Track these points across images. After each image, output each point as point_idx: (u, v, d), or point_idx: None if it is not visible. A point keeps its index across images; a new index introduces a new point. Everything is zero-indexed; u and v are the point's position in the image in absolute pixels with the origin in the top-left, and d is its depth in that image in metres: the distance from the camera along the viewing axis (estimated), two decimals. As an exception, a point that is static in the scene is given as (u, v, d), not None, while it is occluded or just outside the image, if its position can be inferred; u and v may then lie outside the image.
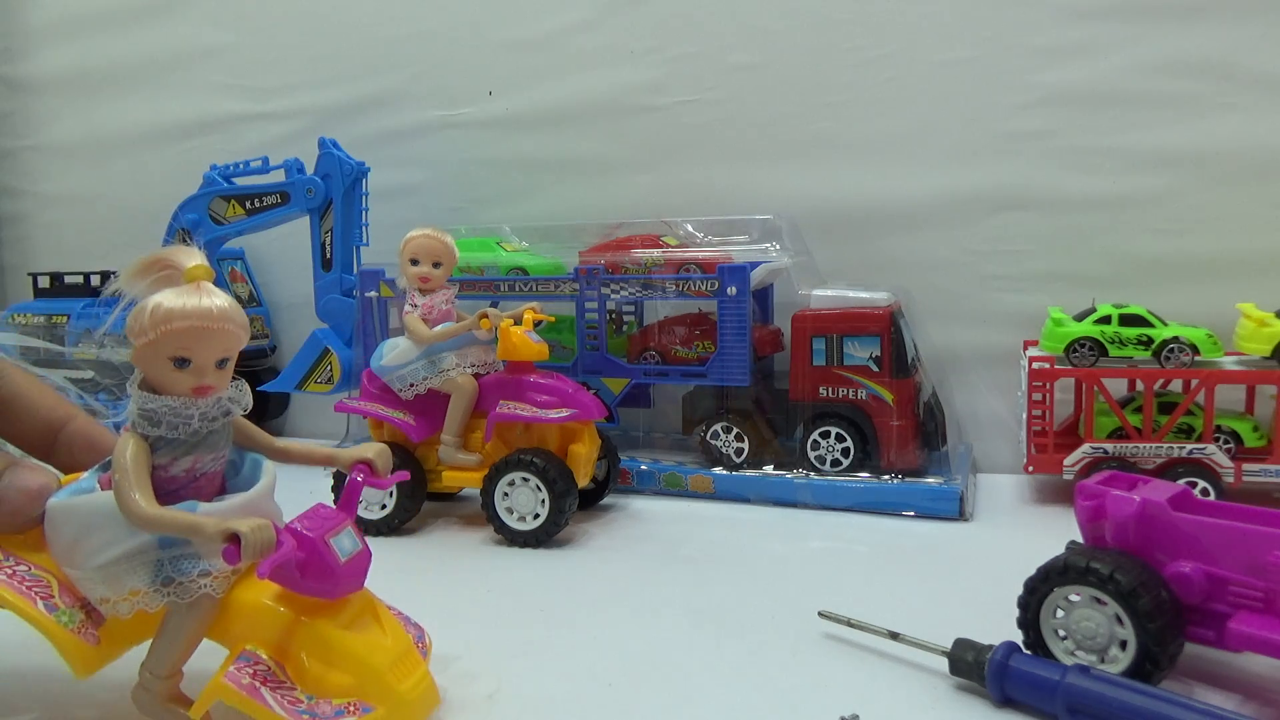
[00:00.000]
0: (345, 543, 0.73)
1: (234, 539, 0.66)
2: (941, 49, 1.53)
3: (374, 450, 0.79)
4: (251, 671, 0.69)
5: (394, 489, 1.27)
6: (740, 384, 1.41)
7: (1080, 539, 0.88)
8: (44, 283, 1.93)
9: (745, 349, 1.39)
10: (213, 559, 0.70)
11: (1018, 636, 0.82)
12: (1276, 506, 0.81)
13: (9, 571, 0.73)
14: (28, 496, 0.75)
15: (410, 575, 1.16)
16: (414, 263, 1.31)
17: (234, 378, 0.74)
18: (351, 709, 0.69)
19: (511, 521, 1.22)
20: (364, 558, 0.74)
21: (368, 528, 1.28)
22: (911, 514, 1.31)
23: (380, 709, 0.70)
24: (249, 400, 0.75)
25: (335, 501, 0.79)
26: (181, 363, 0.70)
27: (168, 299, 0.69)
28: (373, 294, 1.57)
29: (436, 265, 1.31)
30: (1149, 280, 1.45)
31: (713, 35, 1.65)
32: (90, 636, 0.73)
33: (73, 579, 0.73)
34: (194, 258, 0.71)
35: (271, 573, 0.69)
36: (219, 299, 0.70)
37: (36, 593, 0.72)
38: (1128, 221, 1.47)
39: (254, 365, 1.93)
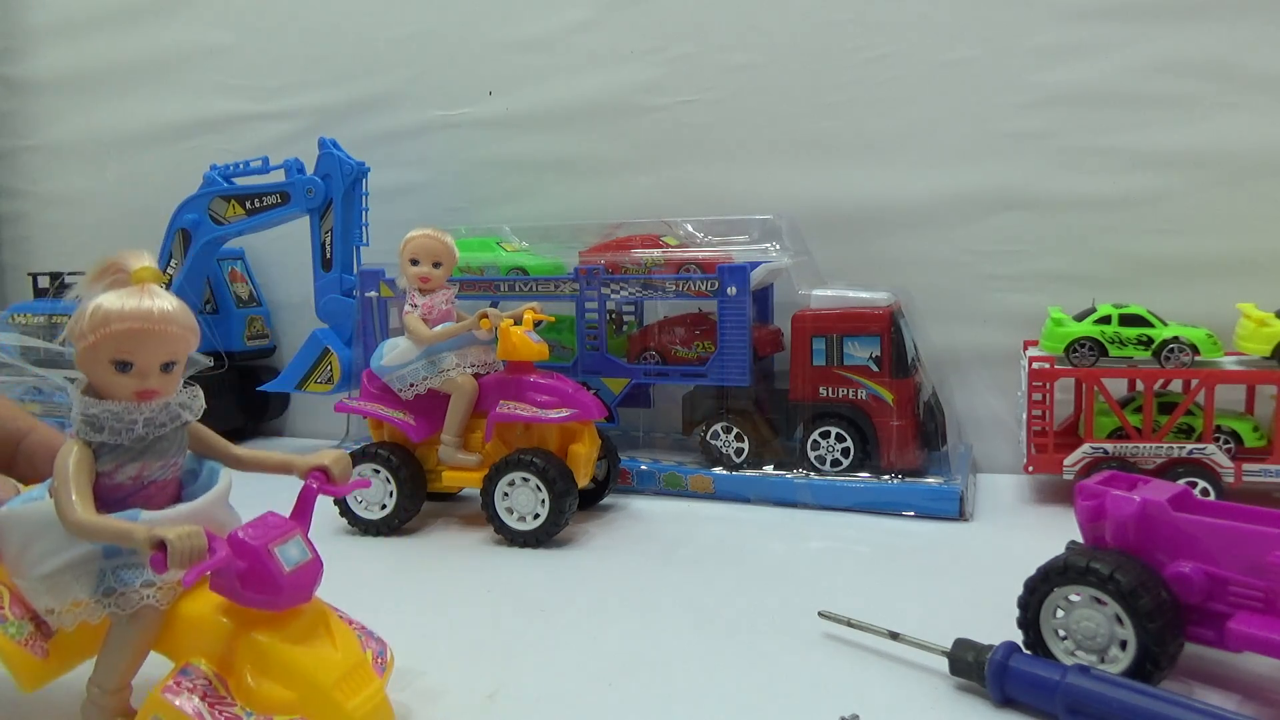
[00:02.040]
0: (292, 552, 0.70)
1: (161, 546, 0.64)
2: (941, 49, 1.53)
3: (331, 457, 0.77)
4: (191, 686, 0.68)
5: (394, 489, 1.27)
6: (740, 384, 1.41)
7: (1080, 539, 0.88)
8: (44, 283, 1.93)
9: (745, 349, 1.39)
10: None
11: (1018, 636, 0.82)
12: (1276, 506, 0.81)
13: None
14: None
15: (410, 575, 1.16)
16: (414, 263, 1.31)
17: (188, 383, 0.73)
18: None
19: (511, 521, 1.22)
20: (313, 568, 0.72)
21: (368, 528, 1.28)
22: (911, 514, 1.31)
23: None
24: (201, 405, 0.74)
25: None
26: (123, 366, 0.68)
27: (108, 300, 0.68)
28: (373, 294, 1.57)
29: (436, 265, 1.31)
30: (1149, 280, 1.45)
31: (713, 35, 1.65)
32: (39, 650, 0.72)
33: (21, 590, 0.72)
34: (142, 260, 0.70)
35: (214, 583, 0.68)
36: (163, 301, 0.69)
37: None
38: (1128, 221, 1.47)
39: (255, 363, 1.93)
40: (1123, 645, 0.78)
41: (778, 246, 1.50)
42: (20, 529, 0.71)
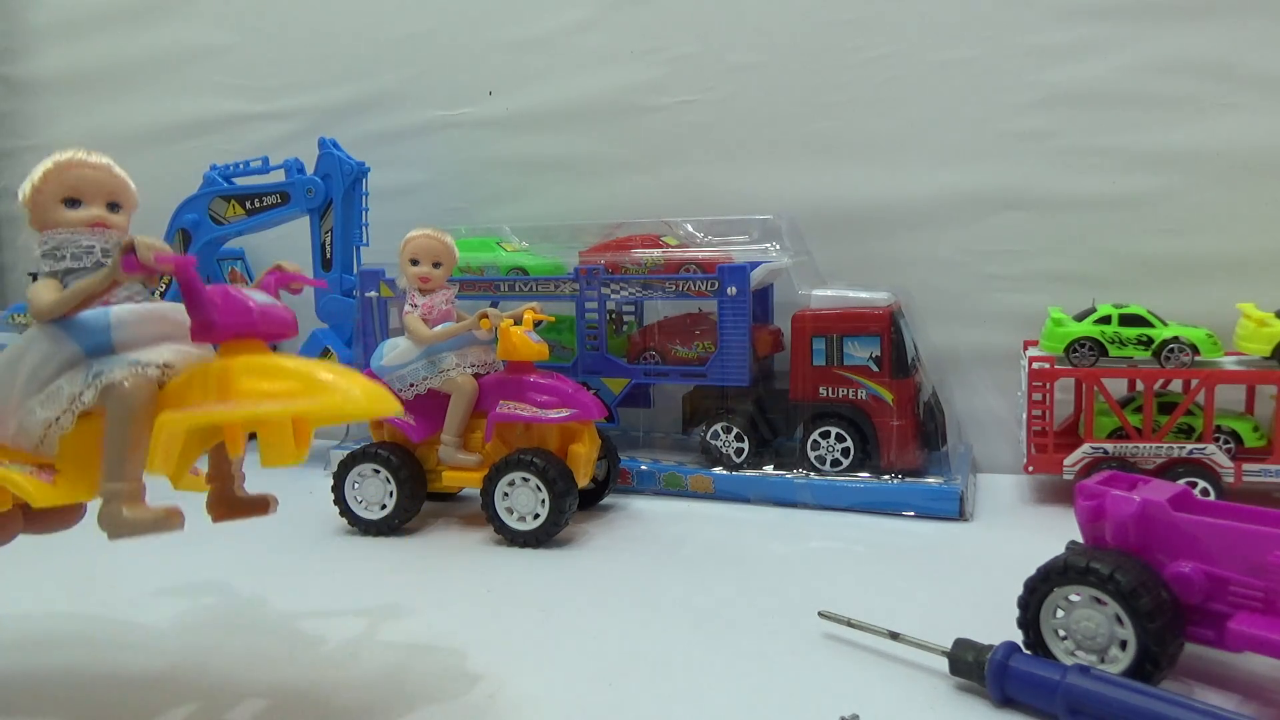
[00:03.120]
0: (259, 297, 0.74)
1: (130, 248, 0.69)
2: (941, 49, 1.53)
3: (285, 263, 0.83)
4: (195, 405, 0.70)
5: (394, 489, 1.27)
6: (740, 384, 1.41)
7: (1080, 539, 0.88)
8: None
9: (745, 349, 1.39)
10: (135, 351, 0.72)
11: (1018, 636, 0.82)
12: (1276, 506, 0.81)
13: None
14: None
15: (410, 575, 1.16)
16: (414, 263, 1.31)
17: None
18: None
19: (511, 521, 1.22)
20: (284, 311, 0.76)
21: (368, 528, 1.28)
22: (911, 514, 1.31)
23: (328, 397, 0.68)
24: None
25: None
26: (72, 203, 0.75)
27: (49, 158, 0.76)
28: (373, 294, 1.57)
29: (436, 265, 1.31)
30: (1149, 280, 1.45)
31: (713, 35, 1.65)
32: (45, 477, 0.73)
33: (15, 433, 0.73)
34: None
35: (194, 331, 0.71)
36: (98, 155, 0.77)
37: None
38: (1128, 221, 1.47)
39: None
40: (1123, 645, 0.78)
41: (778, 246, 1.50)
42: (6, 371, 0.73)
